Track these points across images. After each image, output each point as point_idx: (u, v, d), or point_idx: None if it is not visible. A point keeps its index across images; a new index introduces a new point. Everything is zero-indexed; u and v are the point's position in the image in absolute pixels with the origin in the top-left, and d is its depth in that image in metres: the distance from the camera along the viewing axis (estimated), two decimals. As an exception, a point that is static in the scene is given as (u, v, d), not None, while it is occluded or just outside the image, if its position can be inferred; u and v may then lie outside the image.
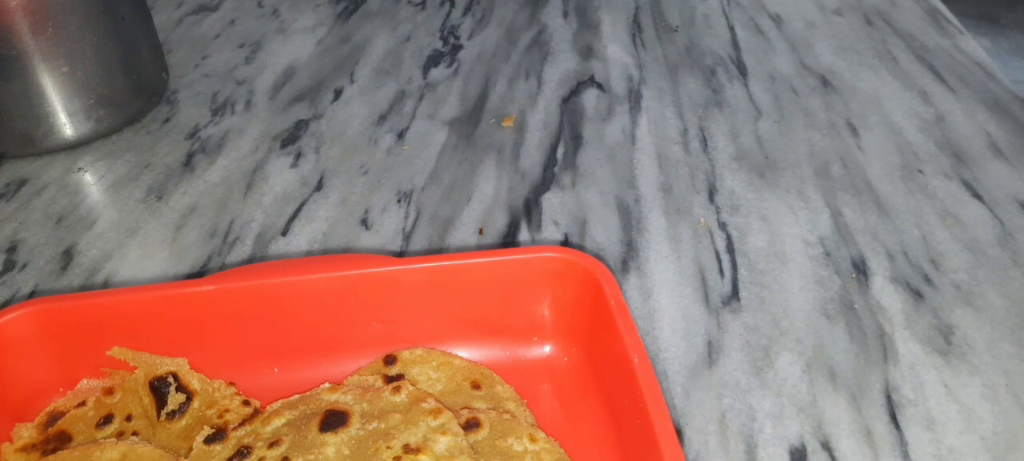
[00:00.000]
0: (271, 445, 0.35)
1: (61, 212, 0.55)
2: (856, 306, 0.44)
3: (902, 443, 0.37)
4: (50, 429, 0.38)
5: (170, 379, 0.39)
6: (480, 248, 0.50)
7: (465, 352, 0.41)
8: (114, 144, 0.62)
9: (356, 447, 0.34)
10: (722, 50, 0.70)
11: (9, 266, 0.51)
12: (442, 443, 0.34)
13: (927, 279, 0.46)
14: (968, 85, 0.63)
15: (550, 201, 0.54)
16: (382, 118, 0.64)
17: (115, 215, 0.55)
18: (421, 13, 0.81)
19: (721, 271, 0.47)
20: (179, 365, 0.39)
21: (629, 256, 0.49)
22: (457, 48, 0.74)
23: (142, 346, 0.39)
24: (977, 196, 0.52)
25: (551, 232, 0.51)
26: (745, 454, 0.37)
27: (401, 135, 0.61)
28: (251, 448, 0.35)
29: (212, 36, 0.78)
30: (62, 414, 0.38)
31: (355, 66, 0.71)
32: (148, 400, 0.38)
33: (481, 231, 0.51)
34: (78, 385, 0.39)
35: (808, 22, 0.74)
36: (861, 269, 0.47)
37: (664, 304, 0.45)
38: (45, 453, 0.36)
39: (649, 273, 0.47)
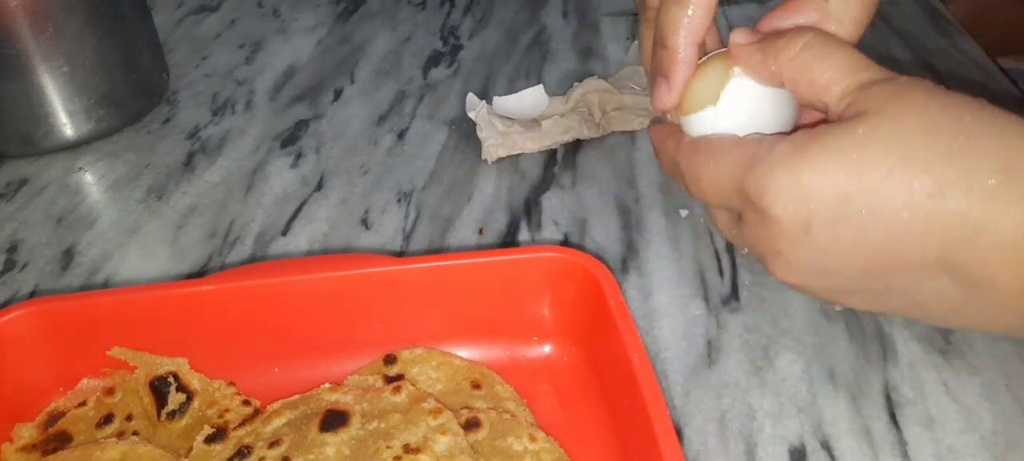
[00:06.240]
0: (271, 445, 0.35)
1: (61, 212, 0.55)
2: (856, 306, 0.44)
3: (901, 442, 0.37)
4: (50, 429, 0.38)
5: (170, 379, 0.39)
6: (480, 248, 0.50)
7: (465, 352, 0.41)
8: (114, 144, 0.62)
9: (356, 447, 0.34)
10: (722, 50, 0.70)
11: (9, 266, 0.51)
12: (442, 443, 0.34)
13: (927, 279, 0.46)
14: (968, 85, 0.63)
15: (550, 201, 0.54)
16: (382, 118, 0.64)
17: (115, 215, 0.55)
18: (421, 13, 0.81)
19: (721, 271, 0.47)
20: (179, 365, 0.39)
21: (629, 256, 0.49)
22: (457, 48, 0.74)
23: (142, 346, 0.39)
24: (977, 196, 0.52)
25: (551, 232, 0.51)
26: (745, 454, 0.37)
27: (401, 135, 0.61)
28: (251, 448, 0.35)
29: (212, 36, 0.78)
30: (62, 414, 0.38)
31: (355, 66, 0.71)
32: (148, 400, 0.38)
33: (481, 231, 0.51)
34: (78, 385, 0.39)
35: (808, 22, 0.74)
36: (861, 269, 0.47)
37: (664, 304, 0.45)
38: (45, 453, 0.36)
39: (649, 273, 0.47)
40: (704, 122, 0.37)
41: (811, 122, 0.37)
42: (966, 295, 0.31)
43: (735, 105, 0.36)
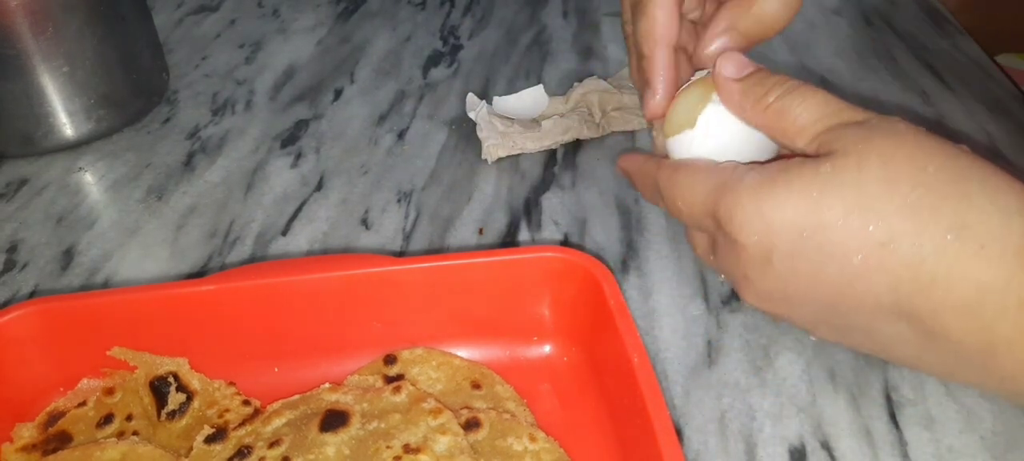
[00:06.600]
0: (271, 445, 0.35)
1: (61, 212, 0.55)
2: (856, 306, 0.44)
3: (901, 443, 0.37)
4: (50, 429, 0.38)
5: (170, 379, 0.39)
6: (480, 248, 0.50)
7: (465, 352, 0.41)
8: (114, 144, 0.62)
9: (356, 447, 0.34)
10: (722, 50, 0.70)
11: (9, 266, 0.51)
12: (442, 443, 0.34)
13: (927, 279, 0.46)
14: (968, 85, 0.63)
15: (550, 201, 0.54)
16: (382, 118, 0.64)
17: (115, 215, 0.55)
18: (421, 13, 0.81)
19: (721, 271, 0.47)
20: (179, 365, 0.39)
21: (629, 256, 0.49)
22: (457, 48, 0.74)
23: (142, 346, 0.39)
24: (977, 196, 0.52)
25: (551, 232, 0.51)
26: (745, 454, 0.37)
27: (401, 135, 0.61)
28: (251, 448, 0.35)
29: (212, 36, 0.78)
30: (62, 414, 0.38)
31: (355, 66, 0.71)
32: (148, 400, 0.38)
33: (481, 231, 0.51)
34: (78, 385, 0.39)
35: (808, 22, 0.74)
36: (861, 269, 0.47)
37: (664, 304, 0.45)
38: (45, 453, 0.36)
39: (649, 273, 0.47)
40: (683, 144, 0.38)
41: (788, 153, 0.37)
42: (925, 343, 0.31)
43: (710, 129, 0.37)
